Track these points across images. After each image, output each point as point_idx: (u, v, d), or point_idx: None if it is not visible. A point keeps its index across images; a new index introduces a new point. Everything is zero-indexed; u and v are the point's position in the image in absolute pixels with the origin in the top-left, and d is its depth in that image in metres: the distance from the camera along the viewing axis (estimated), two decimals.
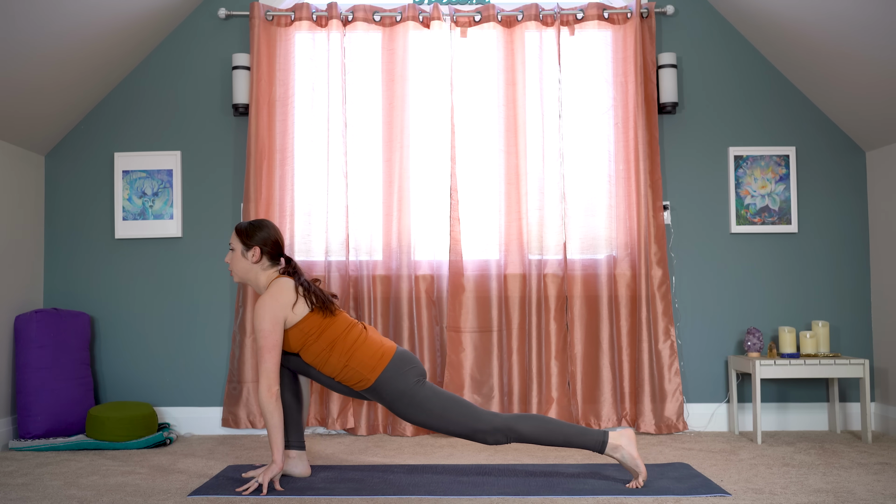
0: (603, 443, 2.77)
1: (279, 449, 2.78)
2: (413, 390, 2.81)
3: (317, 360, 2.86)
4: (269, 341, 2.78)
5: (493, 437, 2.80)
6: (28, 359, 3.70)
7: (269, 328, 2.78)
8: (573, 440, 2.78)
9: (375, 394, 2.86)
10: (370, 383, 2.83)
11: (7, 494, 2.77)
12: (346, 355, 2.82)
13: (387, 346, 2.88)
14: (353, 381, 2.85)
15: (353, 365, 2.82)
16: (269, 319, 2.78)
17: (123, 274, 4.12)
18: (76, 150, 4.16)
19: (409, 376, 2.83)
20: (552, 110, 4.02)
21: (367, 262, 4.00)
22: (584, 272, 3.99)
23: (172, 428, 4.00)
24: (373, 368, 2.82)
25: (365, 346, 2.84)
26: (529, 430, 2.78)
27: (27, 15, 3.21)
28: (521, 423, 2.79)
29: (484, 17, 4.04)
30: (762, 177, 4.07)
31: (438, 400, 2.82)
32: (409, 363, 2.86)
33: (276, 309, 2.80)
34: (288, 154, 4.03)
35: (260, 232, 2.93)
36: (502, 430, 2.79)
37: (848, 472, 3.03)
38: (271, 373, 2.77)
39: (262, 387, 2.76)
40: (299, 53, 4.10)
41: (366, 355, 2.83)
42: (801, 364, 3.66)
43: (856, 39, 3.46)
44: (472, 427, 2.79)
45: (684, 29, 4.14)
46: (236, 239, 2.95)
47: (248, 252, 2.92)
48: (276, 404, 2.76)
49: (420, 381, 2.84)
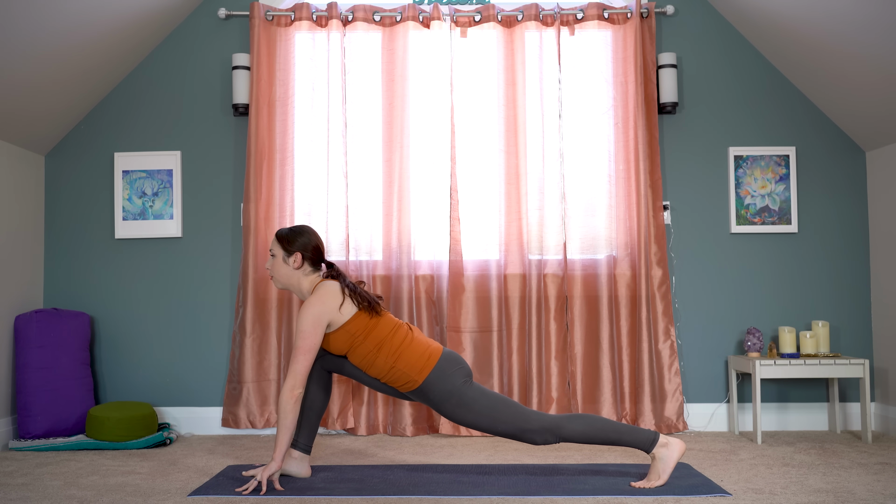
0: (653, 441, 2.76)
1: (282, 449, 2.78)
2: (461, 391, 2.80)
3: (364, 361, 2.85)
4: (306, 343, 2.77)
5: (541, 437, 2.78)
6: (28, 359, 3.70)
7: (309, 330, 2.77)
8: (624, 438, 2.77)
9: (422, 395, 2.85)
10: (417, 384, 2.82)
11: (7, 494, 2.77)
12: (393, 356, 2.81)
13: (433, 347, 2.87)
14: (399, 382, 2.84)
15: (399, 366, 2.81)
16: (311, 321, 2.77)
17: (123, 274, 4.12)
18: (76, 150, 4.16)
19: (456, 377, 2.81)
20: (552, 110, 4.02)
21: (368, 262, 4.00)
22: (584, 272, 3.99)
23: (172, 428, 4.00)
24: (420, 370, 2.81)
25: (412, 348, 2.83)
26: (579, 430, 2.77)
27: (27, 14, 3.21)
28: (570, 423, 2.78)
29: (484, 17, 4.04)
30: (762, 177, 4.07)
31: (486, 400, 2.80)
32: (457, 364, 2.85)
33: (321, 312, 2.78)
34: (288, 154, 4.03)
35: (301, 237, 2.93)
36: (551, 430, 2.77)
37: (848, 472, 3.03)
38: (300, 375, 2.76)
39: (287, 386, 2.75)
40: (299, 53, 4.10)
41: (413, 356, 2.81)
42: (801, 364, 3.66)
43: (856, 39, 3.46)
44: (521, 427, 2.78)
45: (684, 29, 4.14)
46: (277, 245, 2.94)
47: (289, 258, 2.92)
48: (294, 406, 2.76)
49: (467, 382, 2.83)
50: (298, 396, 2.76)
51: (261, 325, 3.96)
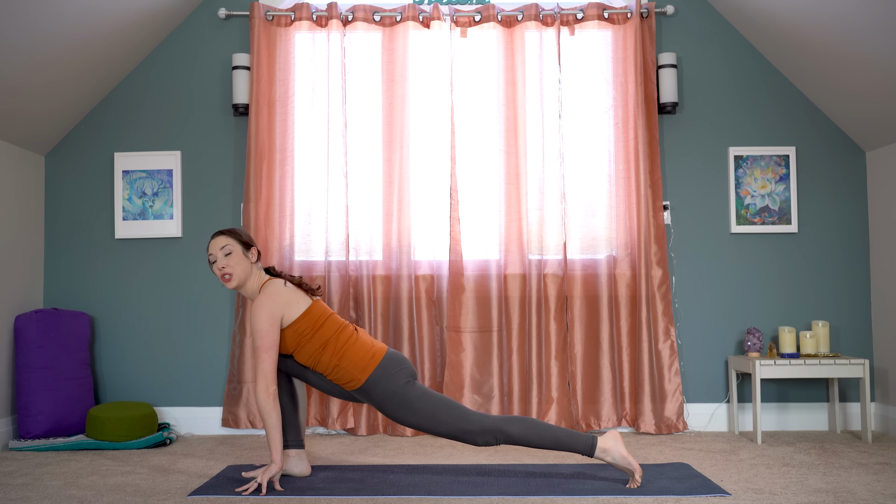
0: (592, 446, 2.77)
1: (277, 449, 2.78)
2: (403, 391, 2.82)
3: (310, 359, 2.87)
4: (266, 341, 2.79)
5: (482, 439, 2.79)
6: (28, 359, 3.70)
7: (266, 327, 2.79)
8: (562, 443, 2.78)
9: (366, 394, 2.87)
10: (360, 383, 2.84)
11: (7, 494, 2.77)
12: (337, 355, 2.84)
13: (377, 347, 2.90)
14: (343, 380, 2.86)
15: (344, 364, 2.84)
16: (266, 319, 2.79)
17: (123, 274, 4.12)
18: (76, 150, 4.16)
19: (398, 377, 2.84)
20: (552, 110, 4.02)
21: (367, 262, 4.00)
22: (584, 272, 3.99)
23: (172, 428, 4.00)
24: (363, 368, 2.83)
25: (356, 347, 2.86)
26: (518, 432, 2.78)
27: (27, 14, 3.21)
28: (510, 426, 2.79)
29: (484, 17, 4.04)
30: (762, 177, 4.07)
31: (428, 401, 2.82)
32: (399, 364, 2.88)
33: (274, 308, 2.81)
34: (288, 154, 4.03)
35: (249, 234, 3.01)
36: (491, 432, 2.78)
37: (848, 472, 3.03)
38: (268, 373, 2.77)
39: (260, 387, 2.77)
40: (299, 53, 4.10)
41: (357, 355, 2.84)
42: (801, 364, 3.66)
43: (856, 39, 3.46)
44: (462, 428, 2.79)
45: (684, 29, 4.14)
46: (230, 240, 2.91)
47: (248, 251, 2.93)
48: (274, 404, 2.77)
49: (410, 382, 2.85)
50: (274, 393, 2.78)
51: None
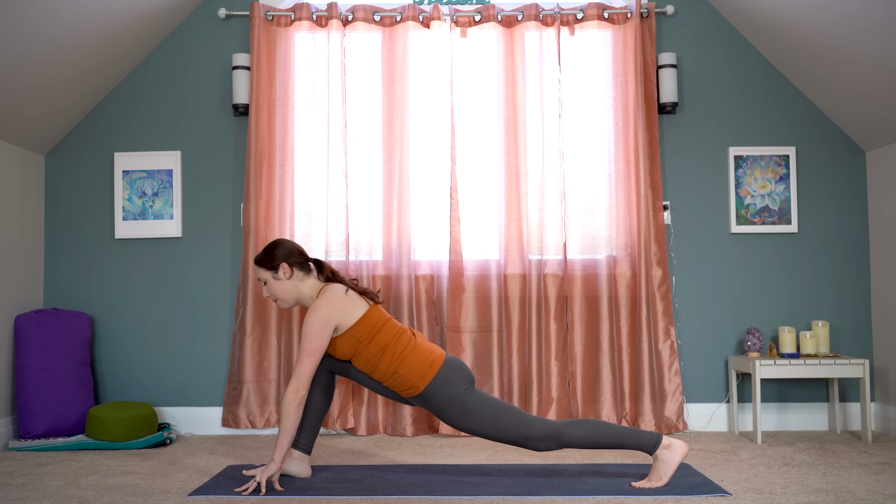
0: (656, 444, 2.76)
1: (282, 451, 2.77)
2: (462, 398, 2.80)
3: (367, 365, 2.85)
4: (312, 345, 2.76)
5: (543, 444, 2.78)
6: (28, 359, 3.70)
7: (316, 332, 2.77)
8: (626, 441, 2.76)
9: (424, 401, 2.85)
10: (420, 391, 2.82)
11: (7, 494, 2.77)
12: (395, 362, 2.81)
13: (436, 353, 2.86)
14: (402, 387, 2.84)
15: (402, 372, 2.81)
16: (318, 324, 2.77)
17: (123, 274, 4.12)
18: (76, 150, 4.16)
19: (457, 384, 2.81)
20: (552, 110, 4.02)
21: (367, 262, 4.00)
22: (584, 272, 3.99)
23: (172, 428, 4.00)
24: (423, 376, 2.81)
25: (415, 354, 2.83)
26: (582, 435, 2.76)
27: (27, 15, 3.21)
28: (572, 429, 2.77)
29: (484, 17, 4.04)
30: (762, 177, 4.07)
31: (488, 407, 2.80)
32: (458, 370, 2.85)
33: (329, 313, 2.79)
34: (288, 154, 4.03)
35: (277, 250, 2.94)
36: (553, 437, 2.76)
37: (848, 472, 3.03)
38: (304, 377, 2.75)
39: (291, 388, 2.75)
40: (299, 53, 4.10)
41: (415, 363, 2.81)
42: (801, 364, 3.66)
43: (856, 39, 3.46)
44: (523, 434, 2.77)
45: (684, 29, 4.14)
46: (261, 270, 2.94)
47: (278, 273, 2.92)
48: (297, 409, 2.75)
49: (469, 389, 2.82)
50: (302, 399, 2.75)
51: (261, 325, 3.96)
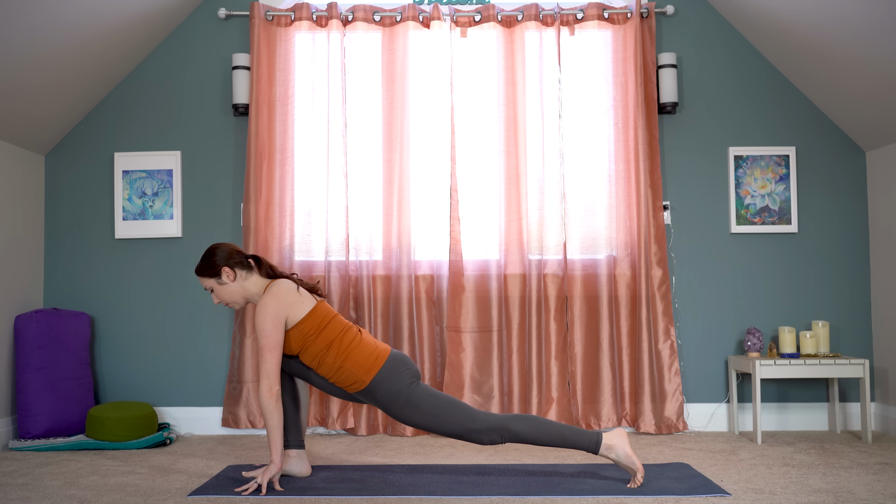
0: (597, 443, 2.78)
1: (278, 449, 2.78)
2: (407, 391, 2.82)
3: (314, 360, 2.87)
4: (270, 341, 2.79)
5: (487, 437, 2.80)
6: (28, 359, 3.70)
7: (270, 328, 2.79)
8: (568, 440, 2.79)
9: (370, 395, 2.87)
10: (365, 385, 2.84)
11: (7, 494, 2.77)
12: (341, 356, 2.84)
13: (381, 348, 2.90)
14: (347, 382, 2.86)
15: (347, 366, 2.83)
16: (270, 319, 2.80)
17: (123, 274, 4.12)
18: (76, 150, 4.16)
19: (402, 378, 2.84)
20: (552, 110, 4.02)
21: (367, 262, 4.00)
22: (584, 272, 3.99)
23: (172, 428, 4.00)
24: (367, 370, 2.83)
25: (360, 349, 2.86)
26: (524, 430, 2.79)
27: (27, 15, 3.21)
28: (515, 423, 2.80)
29: (484, 17, 4.04)
30: (762, 177, 4.07)
31: (433, 400, 2.82)
32: (403, 364, 2.88)
33: (278, 308, 2.81)
34: (288, 154, 4.03)
35: (215, 255, 2.92)
36: (497, 430, 2.79)
37: (848, 472, 3.03)
38: (272, 373, 2.78)
39: (263, 387, 2.77)
40: (299, 53, 4.10)
41: (361, 357, 2.84)
42: (801, 364, 3.66)
43: (856, 40, 3.46)
44: (467, 427, 2.80)
45: (684, 29, 4.14)
46: (205, 279, 2.94)
47: (222, 277, 2.91)
48: (277, 404, 2.77)
49: (414, 382, 2.85)
50: (277, 394, 2.78)
51: None
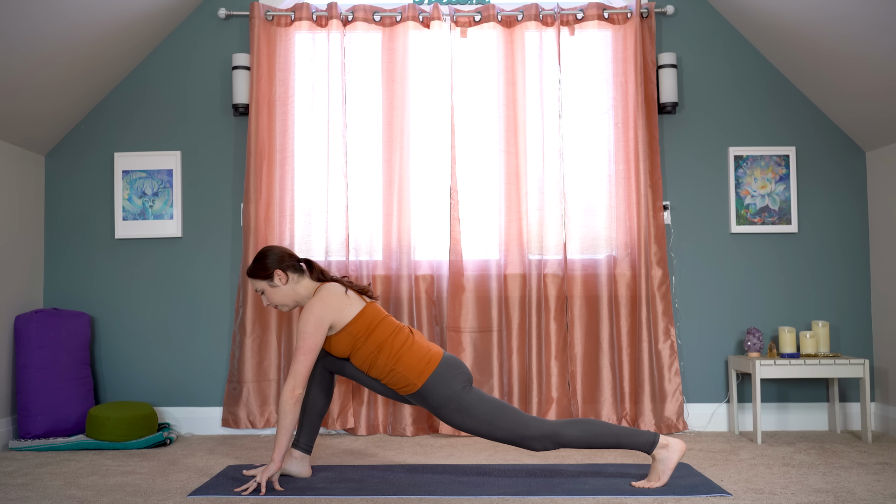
0: (653, 443, 2.76)
1: (281, 450, 2.78)
2: (459, 396, 2.80)
3: (364, 363, 2.85)
4: (307, 343, 2.76)
5: (540, 444, 2.77)
6: (28, 359, 3.70)
7: (311, 330, 2.77)
8: (623, 441, 2.76)
9: (421, 399, 2.85)
10: (417, 388, 2.82)
11: (7, 494, 2.77)
12: (393, 359, 2.81)
13: (434, 351, 2.86)
14: (399, 384, 2.84)
15: (399, 369, 2.81)
16: (313, 322, 2.77)
17: (123, 274, 4.12)
18: (76, 150, 4.16)
19: (454, 382, 2.81)
20: (552, 110, 4.02)
21: (367, 262, 4.00)
22: (584, 272, 4.00)
23: (172, 428, 4.00)
24: (420, 374, 2.81)
25: (412, 351, 2.83)
26: (578, 436, 2.76)
27: (27, 15, 3.21)
28: (569, 429, 2.77)
29: (484, 17, 4.04)
30: (762, 177, 4.07)
31: (485, 406, 2.79)
32: (456, 368, 2.85)
33: (324, 312, 2.79)
34: (288, 154, 4.03)
35: (267, 257, 2.92)
36: (549, 437, 2.76)
37: (848, 472, 3.03)
38: (300, 376, 2.76)
39: (287, 387, 2.75)
40: (299, 53, 4.10)
41: (413, 360, 2.81)
42: (801, 364, 3.66)
43: (856, 39, 3.46)
44: (520, 434, 2.77)
45: (684, 29, 4.14)
46: (257, 281, 2.93)
47: (274, 280, 2.91)
48: (294, 407, 2.75)
49: (466, 387, 2.82)
50: (299, 397, 2.76)
51: (261, 325, 3.96)
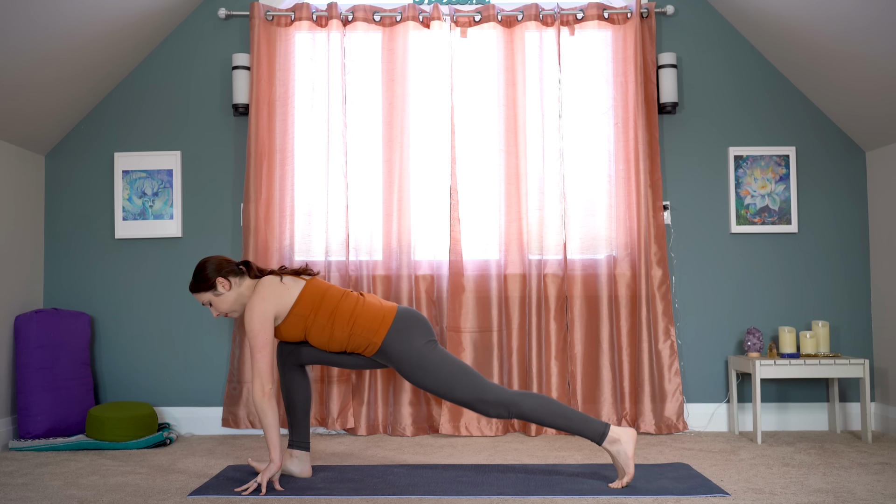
0: (603, 434, 2.77)
1: (276, 448, 2.78)
2: (419, 352, 2.82)
3: (321, 338, 2.86)
4: (258, 340, 2.78)
5: (495, 410, 2.81)
6: (28, 359, 3.70)
7: (258, 327, 2.79)
8: (575, 425, 2.78)
9: (384, 356, 2.87)
10: (378, 346, 2.84)
11: (7, 494, 2.77)
12: (349, 324, 2.83)
13: (387, 307, 2.89)
14: (361, 347, 2.86)
15: (357, 331, 2.83)
16: (256, 319, 2.79)
17: (123, 274, 4.12)
18: (76, 150, 4.16)
19: (414, 337, 2.83)
20: (552, 110, 4.02)
21: (367, 262, 4.00)
22: (584, 272, 4.00)
23: (172, 428, 4.00)
24: (376, 331, 2.83)
25: (365, 310, 2.85)
26: (533, 408, 2.79)
27: (27, 14, 3.21)
28: (526, 401, 2.80)
29: (484, 17, 4.04)
30: (762, 177, 4.07)
31: (445, 365, 2.82)
32: (415, 322, 2.86)
33: (264, 306, 2.81)
34: (288, 154, 4.04)
35: (206, 269, 2.89)
36: (505, 405, 2.79)
37: (848, 472, 3.03)
38: (264, 373, 2.77)
39: (256, 386, 2.77)
40: (299, 53, 4.10)
41: (367, 319, 2.84)
42: (801, 364, 3.66)
43: (856, 39, 3.46)
44: (477, 397, 2.80)
45: (684, 29, 4.14)
46: (200, 294, 2.90)
47: (218, 289, 2.88)
48: (270, 403, 2.76)
49: (429, 343, 2.84)
50: (270, 392, 2.77)
51: None
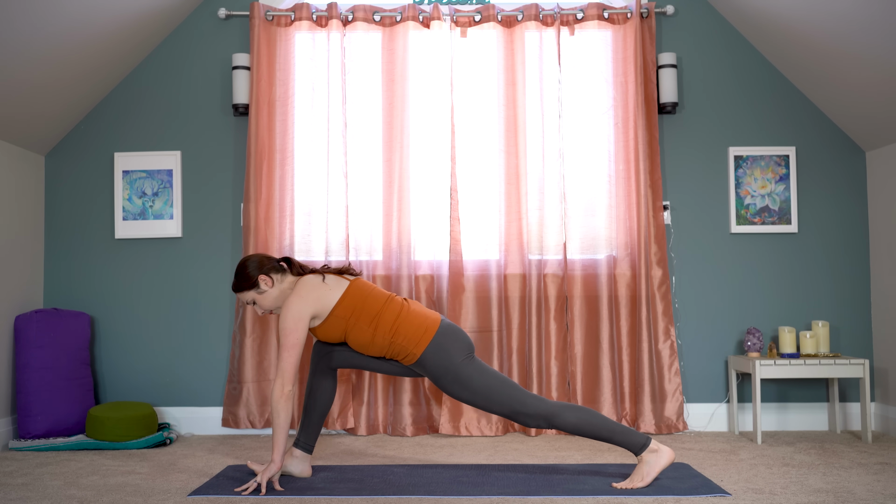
0: (644, 445, 2.77)
1: (280, 449, 2.78)
2: (458, 367, 2.81)
3: (362, 340, 2.85)
4: (289, 339, 2.77)
5: (534, 422, 2.80)
6: (28, 359, 3.70)
7: (291, 326, 2.77)
8: (616, 437, 2.77)
9: (422, 368, 2.86)
10: (416, 358, 2.83)
11: (7, 494, 2.77)
12: (390, 331, 2.82)
13: (431, 318, 2.87)
14: (401, 356, 2.86)
15: (398, 340, 2.82)
16: (292, 318, 2.77)
17: (123, 274, 4.12)
18: (76, 150, 4.16)
19: (454, 352, 2.82)
20: (552, 110, 4.02)
21: (368, 262, 4.00)
22: (584, 272, 4.00)
23: (172, 428, 4.00)
24: (417, 342, 2.82)
25: (409, 320, 2.83)
26: (573, 422, 2.78)
27: (27, 14, 3.21)
28: (566, 414, 2.79)
29: (484, 17, 4.04)
30: (762, 177, 4.07)
31: (484, 379, 2.81)
32: (454, 337, 2.85)
33: (301, 306, 2.79)
34: (288, 154, 4.04)
35: (247, 267, 2.91)
36: (545, 417, 2.79)
37: (848, 472, 3.03)
38: (287, 373, 2.76)
39: (276, 385, 2.75)
40: (299, 53, 4.10)
41: (410, 328, 2.82)
42: (801, 364, 3.66)
43: (856, 39, 3.46)
44: (516, 410, 2.80)
45: (684, 29, 4.14)
46: (245, 293, 2.92)
47: (261, 286, 2.90)
48: (286, 404, 2.75)
49: (467, 358, 2.83)
50: (289, 394, 2.76)
51: (261, 325, 3.97)
